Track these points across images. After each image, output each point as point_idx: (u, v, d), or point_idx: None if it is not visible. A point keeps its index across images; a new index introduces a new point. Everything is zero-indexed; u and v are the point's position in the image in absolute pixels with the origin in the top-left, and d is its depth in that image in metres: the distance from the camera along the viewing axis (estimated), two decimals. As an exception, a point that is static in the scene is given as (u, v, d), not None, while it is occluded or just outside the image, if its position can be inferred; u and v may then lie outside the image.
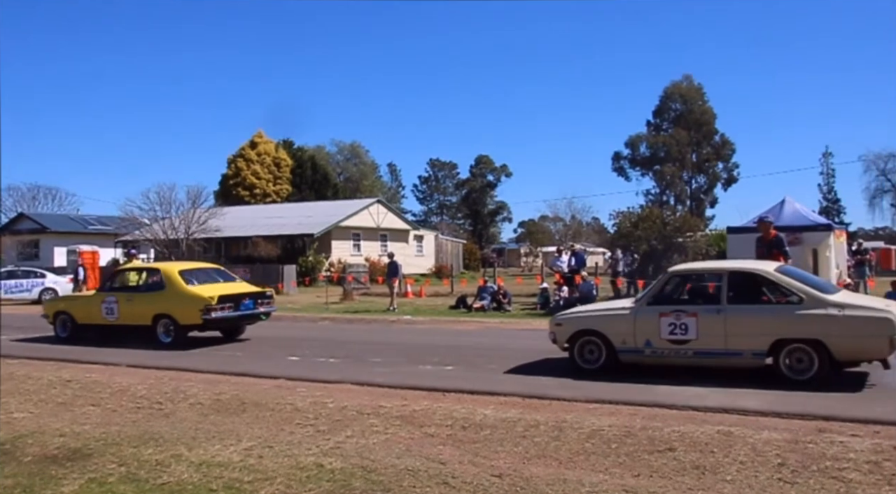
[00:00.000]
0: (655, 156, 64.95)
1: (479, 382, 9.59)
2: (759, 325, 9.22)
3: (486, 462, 6.00)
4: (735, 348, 9.30)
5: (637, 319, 9.91)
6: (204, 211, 37.84)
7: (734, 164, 67.48)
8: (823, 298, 9.05)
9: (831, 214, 64.47)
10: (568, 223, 65.59)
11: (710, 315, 9.44)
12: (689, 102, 64.79)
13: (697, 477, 5.51)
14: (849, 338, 8.77)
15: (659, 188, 65.44)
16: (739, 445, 6.22)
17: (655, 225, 20.22)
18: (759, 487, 5.25)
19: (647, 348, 9.82)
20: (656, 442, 6.38)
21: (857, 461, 5.70)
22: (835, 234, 22.24)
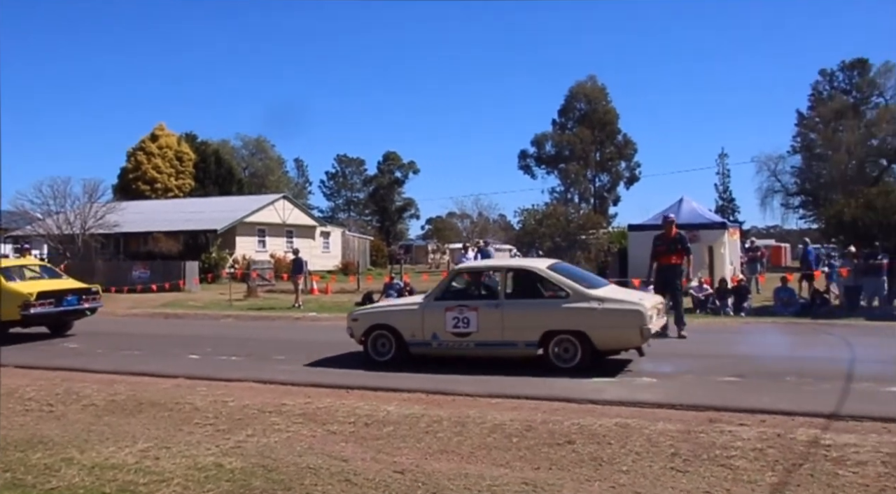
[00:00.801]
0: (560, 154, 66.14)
1: (383, 379, 9.58)
2: (531, 318, 10.05)
3: (389, 459, 6.00)
4: (511, 339, 10.13)
5: (425, 314, 10.59)
6: (101, 205, 36.49)
7: (636, 164, 69.44)
8: (587, 293, 9.94)
9: (726, 213, 66.89)
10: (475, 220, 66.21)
11: (490, 309, 10.24)
12: (593, 102, 66.23)
13: (595, 469, 5.64)
14: (606, 329, 9.72)
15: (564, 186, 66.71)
16: (635, 436, 6.40)
17: (559, 222, 20.58)
18: (652, 476, 5.41)
19: (433, 340, 10.50)
20: (556, 436, 6.51)
21: (743, 449, 5.94)
22: (729, 232, 23.12)
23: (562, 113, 68.13)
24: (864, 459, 5.58)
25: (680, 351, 11.52)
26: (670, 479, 5.35)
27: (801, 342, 12.69)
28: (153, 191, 53.49)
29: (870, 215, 18.69)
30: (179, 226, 39.06)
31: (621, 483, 5.28)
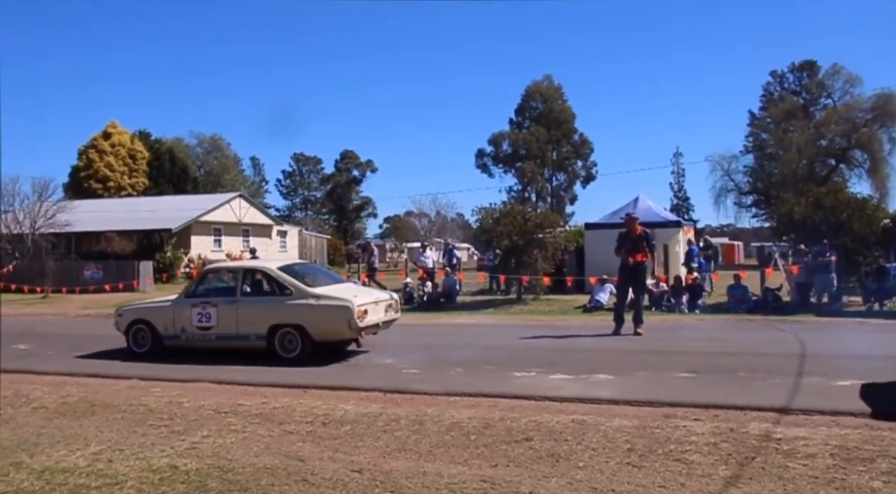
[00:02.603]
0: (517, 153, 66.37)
1: (340, 377, 9.55)
2: (260, 314, 11.20)
3: (347, 458, 5.97)
4: (244, 332, 11.28)
5: (175, 310, 11.82)
6: (52, 204, 35.76)
7: (592, 163, 69.94)
8: (307, 290, 11.10)
9: (681, 211, 67.82)
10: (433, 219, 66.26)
11: (227, 305, 11.44)
12: (549, 101, 66.56)
13: (552, 465, 5.68)
14: (320, 323, 10.86)
15: (521, 185, 66.95)
16: (592, 432, 6.45)
17: (517, 221, 20.57)
18: (609, 472, 5.47)
19: (182, 334, 11.72)
20: (514, 433, 6.54)
21: (698, 443, 6.03)
22: (683, 230, 23.48)
23: (518, 112, 68.40)
24: (813, 452, 5.69)
25: (636, 347, 11.65)
26: (626, 474, 5.41)
27: (754, 338, 12.91)
28: (106, 189, 52.54)
29: (819, 213, 19.02)
30: (133, 226, 38.42)
31: (578, 479, 5.33)
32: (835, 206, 18.98)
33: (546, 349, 11.95)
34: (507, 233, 20.46)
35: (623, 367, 9.69)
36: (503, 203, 24.15)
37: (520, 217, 20.92)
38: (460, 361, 10.51)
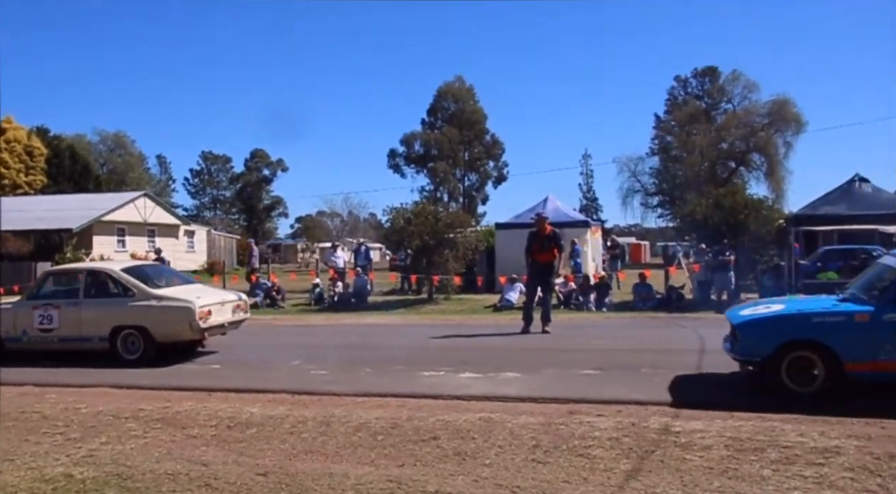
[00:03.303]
0: (429, 153, 66.45)
1: (245, 380, 9.39)
2: (102, 315, 11.14)
3: (252, 461, 5.88)
4: (87, 334, 11.22)
5: (17, 312, 11.68)
6: (-61, 203, 34.03)
7: (504, 163, 70.56)
8: (149, 292, 11.14)
9: (590, 212, 69.28)
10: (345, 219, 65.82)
11: (70, 307, 11.33)
12: (461, 102, 66.86)
13: (458, 463, 5.71)
14: (162, 324, 10.93)
15: (433, 185, 67.09)
16: (498, 430, 6.52)
17: (428, 221, 20.63)
18: (514, 469, 5.53)
19: (24, 336, 11.56)
20: (421, 432, 6.55)
21: (600, 438, 6.16)
22: (591, 230, 23.98)
23: (430, 112, 68.50)
24: (709, 443, 5.90)
25: (544, 346, 11.83)
26: (531, 470, 5.49)
27: (658, 334, 13.28)
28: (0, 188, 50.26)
29: (718, 214, 19.71)
30: (30, 225, 36.83)
31: (484, 477, 5.37)
32: (733, 207, 19.68)
33: (456, 348, 12.03)
34: (418, 233, 20.50)
35: (531, 365, 9.82)
36: (415, 203, 24.17)
37: (431, 217, 20.98)
38: (370, 361, 10.48)
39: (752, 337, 7.85)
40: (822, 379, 7.49)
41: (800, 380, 7.55)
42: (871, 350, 7.33)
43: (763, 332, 7.81)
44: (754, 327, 7.91)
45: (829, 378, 7.47)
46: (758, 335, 7.82)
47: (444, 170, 65.62)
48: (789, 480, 5.07)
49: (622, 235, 61.49)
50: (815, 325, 7.61)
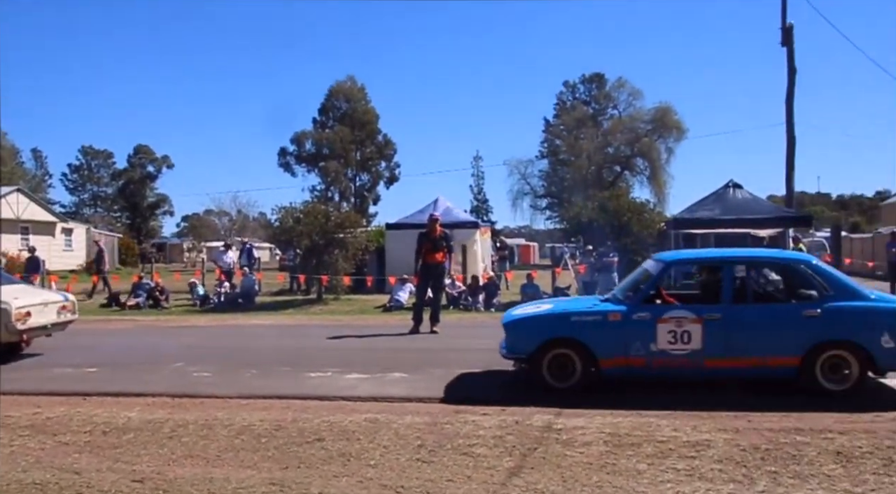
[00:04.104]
0: (320, 153, 65.89)
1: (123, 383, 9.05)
2: None
3: (128, 468, 5.67)
4: None
5: None
6: None
7: (396, 164, 70.64)
8: None
9: (481, 213, 70.01)
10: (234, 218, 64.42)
11: None
12: (353, 102, 66.57)
13: (343, 464, 5.68)
14: None
15: (324, 184, 66.53)
16: (384, 431, 6.52)
17: (317, 220, 20.44)
18: (399, 469, 5.54)
19: None
20: (306, 434, 6.47)
21: (485, 437, 6.24)
22: (480, 231, 24.28)
23: (322, 111, 67.94)
24: (589, 440, 6.07)
25: (433, 346, 11.89)
26: (416, 470, 5.51)
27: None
28: None
29: (603, 217, 20.33)
30: None
31: (368, 477, 5.36)
32: (617, 210, 20.33)
33: (343, 349, 11.95)
34: (307, 233, 20.29)
35: (418, 365, 9.84)
36: (305, 202, 23.89)
37: (321, 216, 20.78)
38: (255, 363, 10.27)
39: (517, 335, 8.29)
40: (580, 374, 7.97)
41: (560, 376, 7.99)
42: (623, 347, 7.84)
43: (526, 331, 8.26)
44: (519, 326, 8.37)
45: (585, 373, 7.98)
46: (522, 333, 8.26)
47: (335, 169, 65.18)
48: (663, 473, 5.27)
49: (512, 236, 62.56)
50: (573, 324, 8.07)
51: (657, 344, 7.78)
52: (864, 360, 7.56)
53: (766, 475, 5.18)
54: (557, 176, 63.63)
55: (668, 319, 7.80)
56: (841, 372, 7.60)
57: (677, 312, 7.86)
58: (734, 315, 7.82)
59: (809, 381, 7.62)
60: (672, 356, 7.78)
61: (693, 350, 7.73)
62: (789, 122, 24.98)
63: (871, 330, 7.54)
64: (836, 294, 7.74)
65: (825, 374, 7.61)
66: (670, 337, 7.76)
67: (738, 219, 19.60)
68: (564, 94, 67.98)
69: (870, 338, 7.52)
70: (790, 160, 24.86)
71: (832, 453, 5.60)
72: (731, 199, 19.81)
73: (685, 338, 7.74)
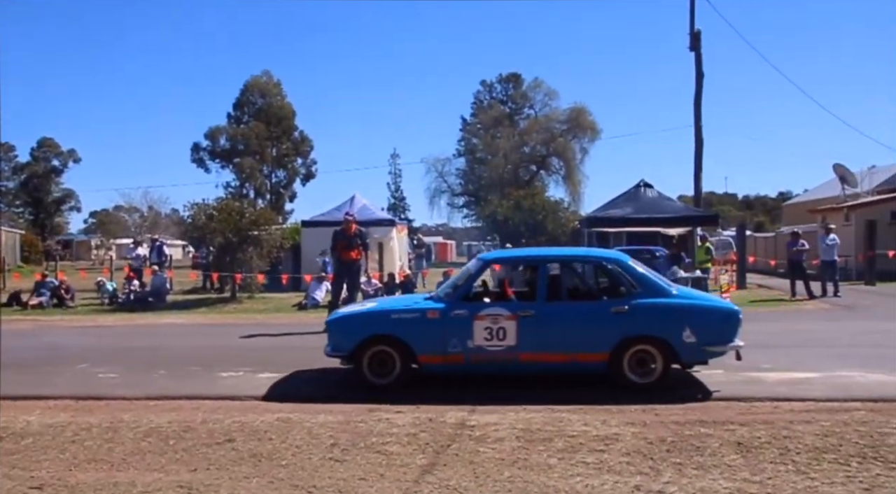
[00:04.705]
0: (235, 148, 64.63)
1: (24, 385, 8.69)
2: None
3: (26, 474, 5.45)
4: None
5: None
6: None
7: (313, 161, 69.81)
8: None
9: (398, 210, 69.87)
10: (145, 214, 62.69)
11: None
12: (268, 97, 65.48)
13: (254, 465, 5.59)
14: None
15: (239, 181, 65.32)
16: (296, 430, 6.44)
17: (231, 217, 20.08)
18: (311, 468, 5.48)
19: None
20: (216, 435, 6.35)
21: (398, 434, 6.24)
22: (397, 229, 24.28)
23: (237, 106, 66.67)
24: (502, 435, 6.12)
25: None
26: (328, 469, 5.46)
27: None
28: None
29: (518, 215, 20.58)
30: None
31: (280, 478, 5.29)
32: (532, 208, 20.63)
33: (257, 348, 11.77)
34: (220, 230, 19.92)
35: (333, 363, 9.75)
36: (219, 199, 23.41)
37: (235, 213, 20.43)
38: (165, 363, 10.04)
39: (339, 333, 8.39)
40: (399, 371, 8.14)
41: (380, 373, 8.15)
42: (442, 344, 8.04)
43: (348, 329, 8.37)
44: (340, 324, 8.49)
45: (405, 370, 8.15)
46: (343, 331, 8.36)
47: (250, 165, 64.00)
48: (573, 467, 5.35)
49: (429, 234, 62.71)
50: (393, 321, 8.24)
51: (474, 341, 7.98)
52: (668, 354, 7.89)
53: (671, 466, 5.32)
54: (474, 174, 64.03)
55: (484, 316, 8.01)
56: (648, 366, 7.92)
57: (493, 309, 8.10)
58: (547, 312, 8.08)
59: (617, 375, 7.92)
60: (488, 352, 7.98)
61: (508, 346, 7.96)
62: (697, 125, 25.76)
63: (674, 325, 7.86)
64: (642, 291, 8.07)
65: (632, 368, 7.92)
66: (486, 334, 7.97)
67: (649, 218, 20.13)
68: (482, 93, 68.47)
69: (673, 333, 7.85)
70: (698, 161, 25.64)
71: (733, 444, 5.79)
72: (642, 199, 20.32)
73: (500, 335, 7.96)
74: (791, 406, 7.13)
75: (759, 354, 9.63)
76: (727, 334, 8.03)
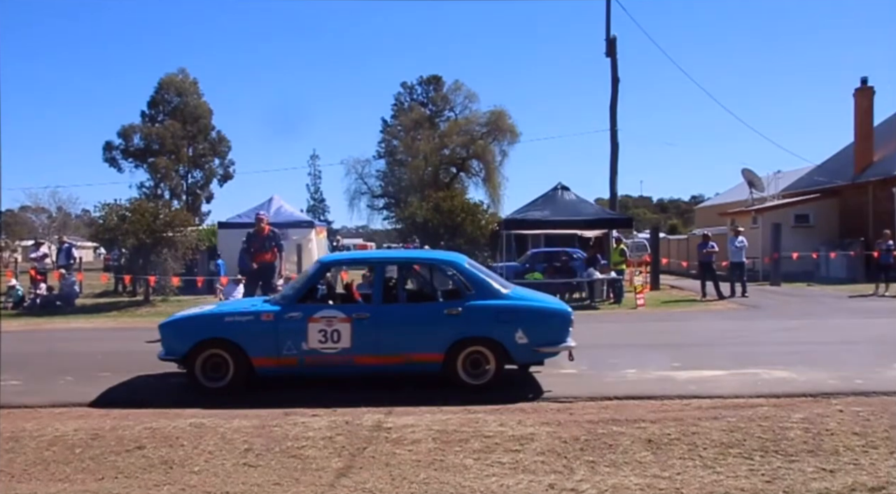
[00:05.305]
0: (150, 147, 63.01)
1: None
2: None
3: (-83, 488, 5.21)
4: None
5: None
6: None
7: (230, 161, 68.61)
8: None
9: (317, 212, 69.37)
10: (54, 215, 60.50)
11: None
12: (184, 95, 64.03)
13: (165, 472, 5.45)
14: None
15: (154, 181, 63.70)
16: (210, 435, 6.32)
17: (144, 219, 19.55)
18: (224, 474, 5.38)
19: None
20: (125, 442, 6.17)
21: (314, 438, 6.18)
22: (316, 231, 24.06)
23: (152, 105, 64.99)
24: (419, 437, 6.13)
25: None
26: (242, 474, 5.37)
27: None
28: None
29: (437, 217, 20.61)
30: None
31: (192, 485, 5.18)
32: (451, 210, 20.68)
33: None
34: (133, 232, 19.38)
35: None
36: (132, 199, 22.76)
37: (148, 214, 19.91)
38: (72, 369, 9.71)
39: (171, 336, 8.28)
40: (232, 374, 8.07)
41: (214, 377, 8.10)
42: (276, 346, 8.03)
43: (180, 332, 8.27)
44: (173, 327, 8.41)
45: (239, 373, 8.08)
46: (176, 334, 8.26)
47: (165, 165, 62.50)
48: (489, 467, 5.40)
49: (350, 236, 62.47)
50: (227, 324, 8.15)
51: (308, 343, 8.00)
52: (501, 355, 8.05)
53: (584, 464, 5.42)
54: (395, 176, 63.97)
55: (318, 319, 8.03)
56: (482, 366, 8.07)
57: (328, 312, 8.11)
58: (382, 314, 8.17)
59: (452, 376, 8.05)
60: (323, 354, 8.01)
61: (343, 348, 8.00)
62: (613, 129, 26.26)
63: (507, 326, 8.03)
64: (476, 292, 8.21)
65: (467, 369, 8.06)
66: (321, 336, 7.99)
67: (566, 221, 20.41)
68: (402, 95, 68.43)
69: (505, 334, 8.01)
70: (613, 165, 26.13)
71: (644, 441, 5.94)
72: (559, 201, 20.59)
73: (335, 337, 7.99)
74: (700, 403, 7.35)
75: (670, 353, 9.91)
76: (559, 334, 8.17)
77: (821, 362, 9.44)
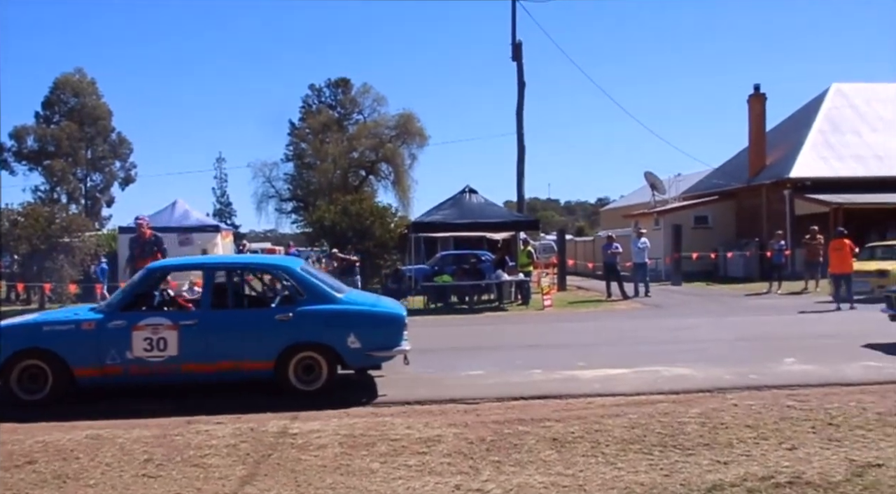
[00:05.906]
0: (45, 150, 60.58)
1: None
2: None
3: None
4: None
5: None
6: None
7: (132, 164, 66.59)
8: None
9: (224, 216, 67.92)
10: (-61, 220, 57.51)
11: None
12: (81, 96, 61.80)
13: (58, 487, 5.24)
14: None
15: (49, 185, 61.25)
16: (107, 447, 6.10)
17: (39, 223, 18.82)
18: (122, 486, 5.21)
19: None
20: (15, 457, 5.89)
21: (217, 446, 6.03)
22: (222, 235, 23.60)
23: (46, 105, 62.52)
24: (324, 442, 6.06)
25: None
26: (141, 486, 5.21)
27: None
28: None
29: (346, 220, 20.51)
30: None
31: (86, 499, 5.00)
32: (360, 214, 20.60)
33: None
34: (26, 237, 18.61)
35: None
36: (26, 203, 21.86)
37: (43, 219, 19.17)
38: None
39: None
40: (52, 385, 7.80)
41: (32, 389, 7.81)
42: (98, 356, 7.84)
43: None
44: None
45: (59, 384, 7.83)
46: None
47: (62, 168, 60.19)
48: (395, 470, 5.38)
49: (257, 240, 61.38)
50: (46, 334, 7.91)
51: (133, 352, 7.84)
52: (333, 360, 8.11)
53: (490, 465, 5.46)
54: (303, 179, 63.20)
55: (143, 326, 7.88)
56: (314, 372, 8.10)
57: (154, 319, 7.98)
58: (210, 320, 8.07)
59: (283, 382, 8.05)
60: (148, 363, 7.87)
61: (170, 356, 7.88)
62: (520, 133, 26.58)
63: (339, 331, 8.08)
64: (308, 298, 8.23)
65: (298, 375, 8.08)
66: (146, 345, 7.85)
67: (474, 223, 20.56)
68: (310, 98, 67.67)
69: (337, 339, 8.05)
70: (520, 168, 26.46)
71: (549, 440, 6.02)
72: (467, 204, 20.71)
73: (161, 345, 7.86)
74: (603, 401, 7.52)
75: (576, 353, 10.10)
76: (392, 338, 8.21)
77: (718, 358, 9.80)
